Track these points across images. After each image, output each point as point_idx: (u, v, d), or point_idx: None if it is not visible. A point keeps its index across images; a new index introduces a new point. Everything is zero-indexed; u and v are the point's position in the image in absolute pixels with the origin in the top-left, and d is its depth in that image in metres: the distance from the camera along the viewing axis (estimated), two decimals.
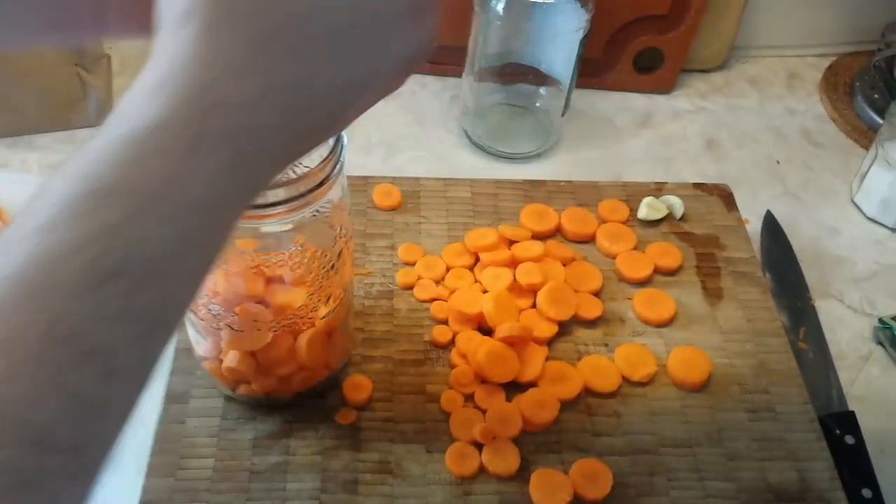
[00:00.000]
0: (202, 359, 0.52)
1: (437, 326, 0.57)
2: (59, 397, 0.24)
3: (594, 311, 0.59)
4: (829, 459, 0.53)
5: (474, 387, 0.54)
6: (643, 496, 0.51)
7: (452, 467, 0.51)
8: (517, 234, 0.62)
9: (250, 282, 0.45)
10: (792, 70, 0.86)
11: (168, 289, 0.26)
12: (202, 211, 0.26)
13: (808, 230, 0.70)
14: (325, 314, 0.48)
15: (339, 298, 0.49)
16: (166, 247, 0.25)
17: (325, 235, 0.45)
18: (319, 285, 0.46)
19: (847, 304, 0.65)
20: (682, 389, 0.56)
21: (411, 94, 0.80)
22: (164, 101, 0.26)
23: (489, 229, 0.63)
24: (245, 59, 0.27)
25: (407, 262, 0.61)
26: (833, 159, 0.77)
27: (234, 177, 0.27)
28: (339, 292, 0.49)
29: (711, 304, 0.61)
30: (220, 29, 0.27)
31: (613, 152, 0.76)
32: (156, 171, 0.25)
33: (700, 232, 0.65)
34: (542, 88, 0.74)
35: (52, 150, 0.70)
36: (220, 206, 0.27)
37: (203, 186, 0.26)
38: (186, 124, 0.26)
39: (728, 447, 0.53)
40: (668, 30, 0.77)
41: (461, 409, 0.53)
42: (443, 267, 0.61)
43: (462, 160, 0.74)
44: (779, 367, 0.57)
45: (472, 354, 0.55)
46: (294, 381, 0.51)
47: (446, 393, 0.54)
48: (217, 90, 0.26)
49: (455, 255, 0.62)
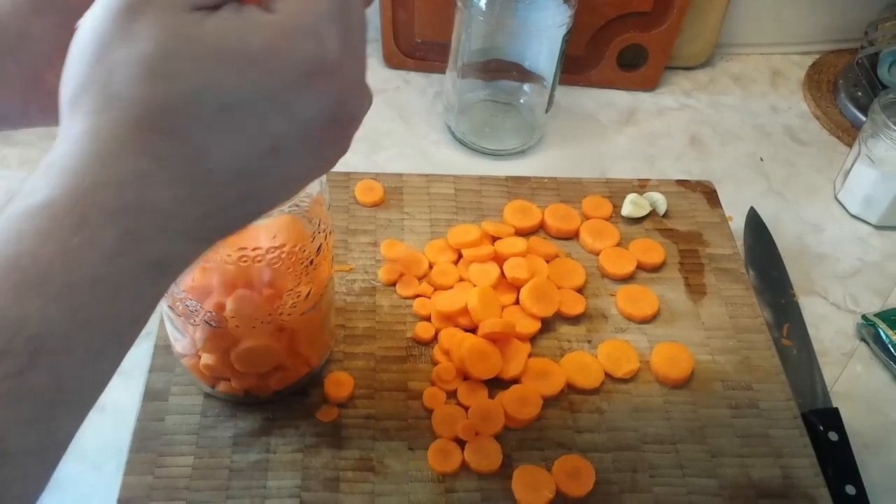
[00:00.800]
0: (181, 356, 0.51)
1: (419, 323, 0.57)
2: None
3: (577, 307, 0.59)
4: (813, 456, 0.53)
5: (457, 383, 0.54)
6: (626, 493, 0.50)
7: (434, 464, 0.50)
8: (500, 231, 0.62)
9: (226, 277, 0.44)
10: (775, 68, 0.86)
11: (62, 368, 0.25)
12: (95, 288, 0.26)
13: (792, 227, 0.70)
14: (305, 310, 0.48)
15: (319, 294, 0.49)
16: (55, 325, 0.25)
17: (303, 230, 0.45)
18: (298, 281, 0.46)
19: (831, 300, 0.65)
20: (665, 386, 0.56)
21: (395, 90, 0.79)
22: (55, 181, 0.26)
23: (472, 226, 0.62)
24: (128, 139, 0.27)
25: (389, 259, 0.61)
26: (816, 157, 0.77)
27: (130, 254, 0.26)
28: (318, 288, 0.48)
29: (694, 300, 0.61)
30: (106, 109, 0.27)
31: (597, 149, 0.75)
32: (43, 250, 0.25)
33: (683, 229, 0.65)
34: (526, 85, 0.74)
35: (32, 146, 0.70)
36: (118, 284, 0.26)
37: (93, 265, 0.26)
38: (73, 204, 0.26)
39: (711, 444, 0.53)
40: (651, 27, 0.77)
41: (443, 405, 0.53)
42: (425, 263, 0.61)
43: (445, 157, 0.73)
44: (762, 364, 0.57)
45: (455, 350, 0.54)
46: (273, 378, 0.51)
47: (429, 390, 0.54)
48: (100, 170, 0.26)
49: (438, 251, 0.61)
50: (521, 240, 0.62)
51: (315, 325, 0.50)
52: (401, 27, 0.79)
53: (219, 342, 0.47)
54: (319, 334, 0.52)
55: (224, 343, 0.47)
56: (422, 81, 0.80)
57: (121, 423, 0.52)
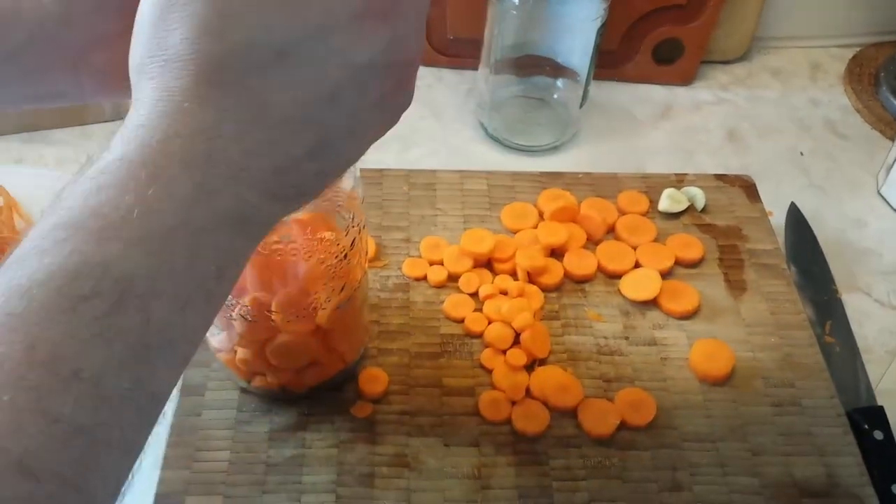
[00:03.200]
0: (217, 350, 0.51)
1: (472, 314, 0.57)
2: (41, 423, 0.23)
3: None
4: (858, 454, 0.51)
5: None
6: (665, 491, 0.49)
7: (485, 412, 0.52)
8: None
9: (261, 270, 0.44)
10: (815, 61, 0.84)
11: (150, 311, 0.25)
12: (173, 237, 0.26)
13: (834, 222, 0.68)
14: (339, 304, 0.48)
15: (353, 289, 0.48)
16: (140, 269, 0.25)
17: (336, 225, 0.45)
18: (332, 275, 0.46)
19: (874, 297, 0.63)
20: (705, 383, 0.55)
21: (427, 87, 0.79)
22: (129, 138, 0.27)
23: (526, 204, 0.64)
24: (192, 94, 0.28)
25: (426, 256, 0.61)
26: (858, 151, 0.75)
27: (204, 204, 0.27)
28: (352, 283, 0.48)
29: (735, 296, 0.59)
30: (168, 70, 0.28)
31: (633, 144, 0.74)
32: (122, 200, 0.26)
33: (722, 224, 0.64)
34: (560, 80, 0.73)
35: (68, 145, 0.70)
36: (196, 233, 0.27)
37: (170, 214, 0.26)
38: (145, 157, 0.27)
39: (752, 442, 0.52)
40: (687, 20, 0.76)
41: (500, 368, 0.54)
42: (460, 259, 0.60)
43: (478, 154, 0.73)
44: (804, 361, 0.56)
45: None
46: (308, 374, 0.50)
47: (486, 351, 0.55)
48: (168, 125, 0.27)
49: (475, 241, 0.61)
50: (562, 226, 0.62)
51: (349, 320, 0.50)
52: (433, 24, 0.78)
53: (254, 336, 0.47)
54: (354, 330, 0.52)
55: (259, 337, 0.47)
56: (454, 78, 0.80)
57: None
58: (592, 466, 0.50)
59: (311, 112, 0.29)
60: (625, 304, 0.59)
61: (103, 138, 0.74)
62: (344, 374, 0.53)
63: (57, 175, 0.67)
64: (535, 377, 0.54)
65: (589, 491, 0.49)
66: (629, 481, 0.50)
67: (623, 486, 0.49)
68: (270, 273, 0.44)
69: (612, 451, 0.51)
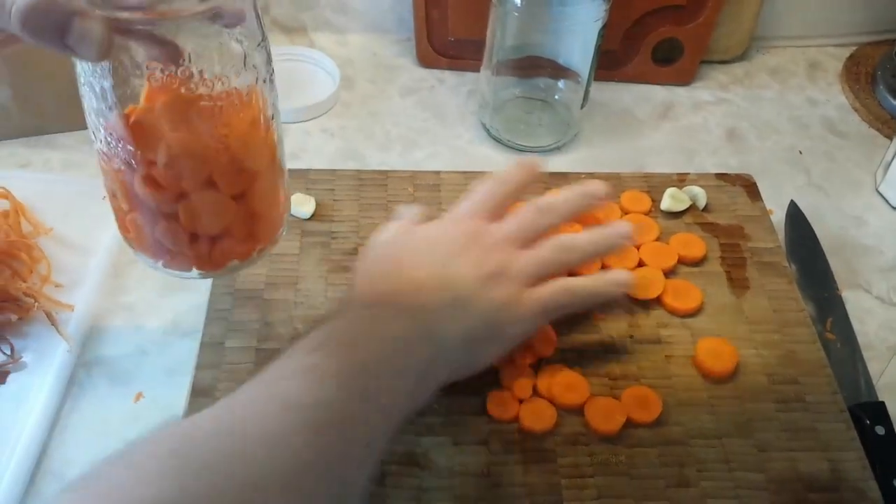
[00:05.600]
0: (127, 232, 0.49)
1: None
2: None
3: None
4: (861, 449, 0.52)
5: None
6: (672, 487, 0.50)
7: (493, 411, 0.53)
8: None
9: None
10: (813, 60, 0.85)
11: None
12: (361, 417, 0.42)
13: (833, 220, 0.69)
14: (241, 168, 0.45)
15: (259, 156, 0.46)
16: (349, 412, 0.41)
17: (228, 64, 0.42)
18: (227, 129, 0.43)
19: (874, 294, 0.64)
20: (709, 380, 0.55)
21: (429, 89, 0.80)
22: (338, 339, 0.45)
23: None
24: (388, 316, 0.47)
25: None
26: (856, 149, 0.76)
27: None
28: (256, 147, 0.46)
29: (737, 294, 0.60)
30: (375, 301, 0.50)
31: (634, 144, 0.75)
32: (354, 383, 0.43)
33: (724, 222, 0.65)
34: (561, 81, 0.74)
35: (74, 150, 0.71)
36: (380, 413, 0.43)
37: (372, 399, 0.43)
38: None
39: (757, 438, 0.52)
40: (686, 20, 0.77)
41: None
42: None
43: (481, 155, 0.73)
44: (807, 358, 0.57)
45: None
46: (222, 247, 0.48)
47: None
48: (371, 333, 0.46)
49: None
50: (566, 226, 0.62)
51: (259, 192, 0.48)
52: (434, 26, 0.79)
53: (163, 198, 0.45)
54: (271, 198, 0.50)
55: (168, 198, 0.45)
56: (455, 80, 0.81)
57: (169, 420, 0.52)
58: (600, 463, 0.51)
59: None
60: (629, 303, 0.59)
61: None
62: (257, 258, 0.50)
63: (63, 179, 0.68)
64: (542, 376, 0.54)
65: (597, 488, 0.50)
66: (636, 478, 0.50)
67: (630, 483, 0.50)
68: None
69: (619, 449, 0.52)
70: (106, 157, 0.45)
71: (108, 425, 0.53)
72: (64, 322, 0.56)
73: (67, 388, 0.55)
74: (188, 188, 0.45)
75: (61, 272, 0.60)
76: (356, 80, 0.80)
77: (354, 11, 0.83)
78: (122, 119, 0.42)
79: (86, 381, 0.55)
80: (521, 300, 0.51)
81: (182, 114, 0.42)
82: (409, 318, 0.47)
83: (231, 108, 0.43)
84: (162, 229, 0.47)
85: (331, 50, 0.82)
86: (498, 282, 0.50)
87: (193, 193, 0.45)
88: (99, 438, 0.52)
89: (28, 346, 0.55)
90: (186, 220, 0.46)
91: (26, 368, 0.54)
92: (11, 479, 0.49)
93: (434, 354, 0.47)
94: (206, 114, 0.43)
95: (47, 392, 0.53)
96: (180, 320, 0.59)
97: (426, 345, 0.46)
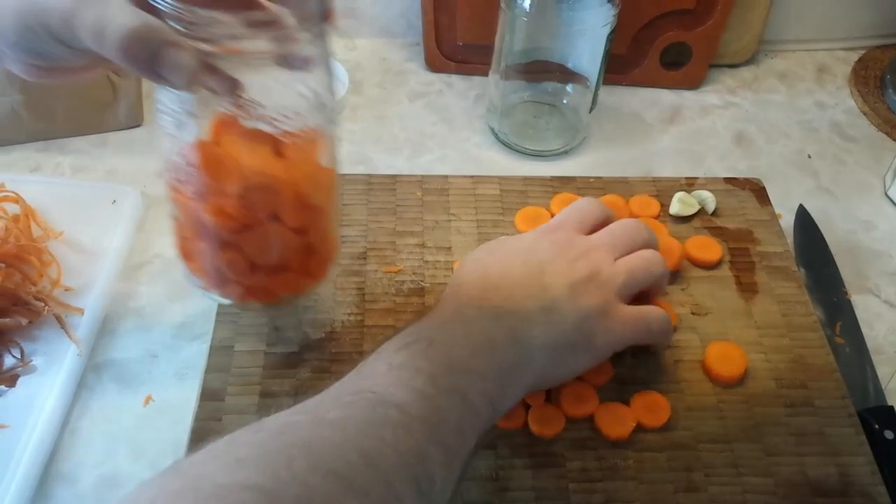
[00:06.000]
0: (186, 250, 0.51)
1: None
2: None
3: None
4: (870, 454, 0.52)
5: None
6: (681, 492, 0.50)
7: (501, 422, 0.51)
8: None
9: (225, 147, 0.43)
10: (821, 64, 0.85)
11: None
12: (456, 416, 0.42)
13: (842, 224, 0.69)
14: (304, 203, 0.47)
15: (320, 192, 0.48)
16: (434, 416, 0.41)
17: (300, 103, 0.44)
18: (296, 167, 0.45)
19: (883, 298, 0.64)
20: (718, 385, 0.55)
21: (437, 93, 0.80)
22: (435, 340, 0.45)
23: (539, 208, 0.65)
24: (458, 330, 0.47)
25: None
26: (865, 153, 0.76)
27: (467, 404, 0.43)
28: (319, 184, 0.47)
29: (746, 298, 0.60)
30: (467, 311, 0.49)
31: (642, 148, 0.75)
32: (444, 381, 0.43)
33: (733, 227, 0.65)
34: (569, 85, 0.74)
35: (85, 154, 0.71)
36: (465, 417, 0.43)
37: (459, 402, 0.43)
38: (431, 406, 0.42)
39: (766, 442, 0.52)
40: (695, 25, 0.77)
41: None
42: None
43: (489, 159, 0.74)
44: (816, 362, 0.57)
45: None
46: (279, 280, 0.50)
47: None
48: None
49: None
50: None
51: (318, 227, 0.49)
52: (443, 31, 0.79)
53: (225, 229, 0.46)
54: (327, 235, 0.51)
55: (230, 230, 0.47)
56: (463, 84, 0.81)
57: (177, 423, 0.53)
58: (608, 468, 0.51)
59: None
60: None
61: (119, 146, 0.75)
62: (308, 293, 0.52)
63: (73, 183, 0.68)
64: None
65: (605, 492, 0.50)
66: (645, 482, 0.50)
67: (639, 488, 0.50)
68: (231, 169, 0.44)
69: (627, 453, 0.52)
70: (176, 184, 0.46)
71: (117, 428, 0.53)
72: (74, 325, 0.57)
73: (77, 391, 0.55)
74: (255, 220, 0.46)
75: (71, 276, 0.60)
76: (365, 84, 0.81)
77: (363, 16, 0.83)
78: (198, 149, 0.43)
79: (95, 384, 0.56)
80: (612, 311, 0.51)
81: (255, 149, 0.44)
82: (495, 320, 0.47)
83: (302, 146, 0.44)
84: (224, 258, 0.48)
85: (339, 54, 0.82)
86: (588, 288, 0.50)
87: (259, 226, 0.46)
88: (108, 441, 0.53)
89: (38, 350, 0.55)
90: (250, 251, 0.47)
91: (36, 371, 0.55)
92: (21, 482, 0.49)
93: (519, 358, 0.46)
94: (278, 150, 0.44)
95: (57, 395, 0.53)
96: (189, 324, 0.59)
97: (511, 348, 0.46)
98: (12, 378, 0.54)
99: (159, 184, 0.66)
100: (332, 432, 0.37)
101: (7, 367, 0.54)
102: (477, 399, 0.43)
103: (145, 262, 0.63)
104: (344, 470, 0.35)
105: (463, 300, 0.49)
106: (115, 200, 0.65)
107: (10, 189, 0.63)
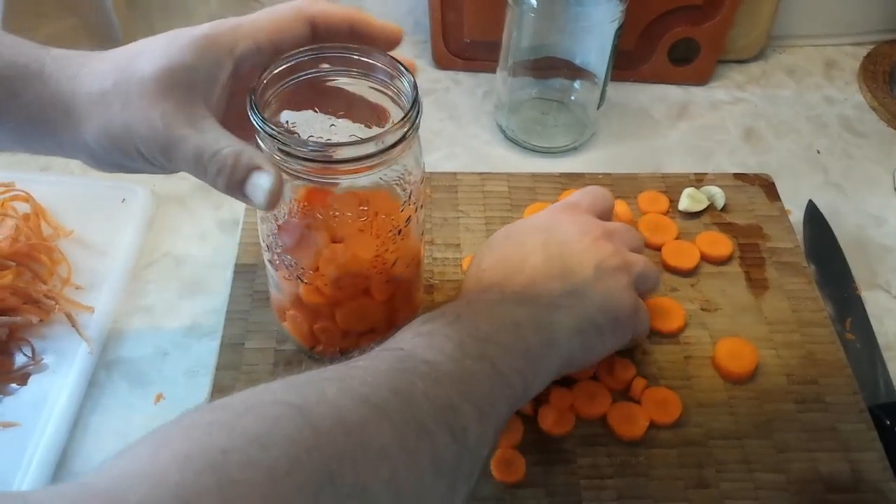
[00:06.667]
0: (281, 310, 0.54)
1: None
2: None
3: None
4: (881, 450, 0.52)
5: None
6: (692, 489, 0.50)
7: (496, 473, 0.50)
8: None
9: (317, 236, 0.46)
10: (829, 59, 0.85)
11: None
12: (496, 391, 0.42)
13: (852, 220, 0.69)
14: (391, 278, 0.49)
15: (406, 265, 0.50)
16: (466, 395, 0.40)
17: (392, 200, 0.46)
18: (385, 248, 0.47)
19: (894, 293, 0.64)
20: (728, 381, 0.55)
21: (444, 90, 0.80)
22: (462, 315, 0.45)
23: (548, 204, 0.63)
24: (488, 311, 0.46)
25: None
26: (874, 148, 0.76)
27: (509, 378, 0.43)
28: (405, 258, 0.49)
29: (756, 294, 0.60)
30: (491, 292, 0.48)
31: (651, 144, 0.75)
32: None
33: (742, 222, 0.65)
34: (577, 82, 0.74)
35: None
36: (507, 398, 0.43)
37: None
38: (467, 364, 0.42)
39: (777, 438, 0.52)
40: (703, 20, 0.77)
41: None
42: None
43: (497, 155, 0.73)
44: (826, 358, 0.56)
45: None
46: (365, 340, 0.52)
47: None
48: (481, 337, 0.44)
49: None
50: None
51: (402, 294, 0.52)
52: (450, 28, 0.79)
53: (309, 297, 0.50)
54: (409, 301, 0.54)
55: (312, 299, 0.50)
56: (471, 81, 0.81)
57: None
58: (619, 464, 0.51)
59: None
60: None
61: None
62: None
63: (83, 182, 0.68)
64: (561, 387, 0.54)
65: (616, 489, 0.50)
66: (656, 479, 0.50)
67: (650, 484, 0.50)
68: (325, 238, 0.46)
69: (638, 450, 0.52)
70: (274, 266, 0.49)
71: (128, 426, 0.54)
72: (84, 324, 0.57)
73: (88, 389, 0.55)
74: (347, 298, 0.50)
75: (81, 274, 0.60)
76: None
77: (370, 13, 0.83)
78: (292, 233, 0.46)
79: (106, 382, 0.56)
80: (634, 294, 0.50)
81: (349, 240, 0.46)
82: (518, 306, 0.46)
83: (392, 235, 0.47)
84: (319, 328, 0.52)
85: None
86: (614, 271, 0.49)
87: (351, 301, 0.50)
88: (119, 439, 0.53)
89: (49, 348, 0.56)
90: (342, 322, 0.51)
91: (47, 370, 0.55)
92: (32, 479, 0.49)
93: (547, 341, 0.46)
94: (370, 239, 0.47)
95: (68, 393, 0.53)
96: (200, 322, 0.59)
97: (536, 334, 0.45)
98: (24, 376, 0.54)
99: (169, 182, 0.66)
100: (363, 373, 0.38)
101: (18, 366, 0.54)
102: (507, 371, 0.43)
103: (155, 261, 0.63)
104: (376, 399, 0.36)
105: (485, 285, 0.49)
106: (125, 199, 0.65)
107: (21, 188, 0.64)
